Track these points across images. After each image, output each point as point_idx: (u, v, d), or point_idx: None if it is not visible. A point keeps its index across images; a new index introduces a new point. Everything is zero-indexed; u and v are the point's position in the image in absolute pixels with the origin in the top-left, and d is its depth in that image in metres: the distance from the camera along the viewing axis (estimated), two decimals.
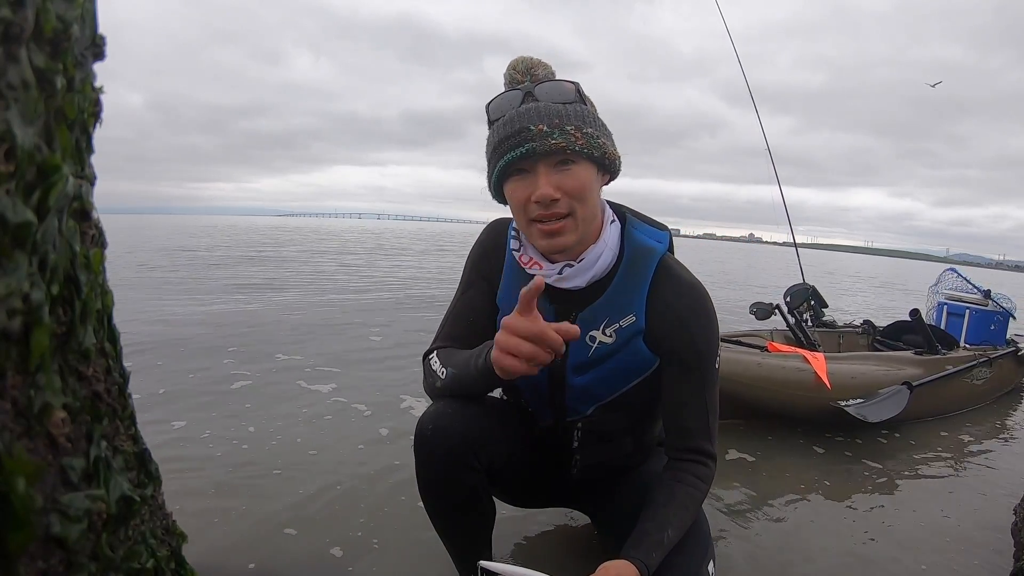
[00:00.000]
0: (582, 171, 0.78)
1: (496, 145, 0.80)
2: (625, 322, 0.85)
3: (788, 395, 2.13)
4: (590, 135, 0.78)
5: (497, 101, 0.83)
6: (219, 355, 2.83)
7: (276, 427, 1.94)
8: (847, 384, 2.17)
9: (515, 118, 0.78)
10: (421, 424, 0.85)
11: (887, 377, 2.30)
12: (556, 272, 0.85)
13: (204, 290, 5.19)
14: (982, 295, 3.36)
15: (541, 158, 0.77)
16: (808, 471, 1.88)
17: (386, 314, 4.39)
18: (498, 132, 0.80)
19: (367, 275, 7.43)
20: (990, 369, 2.77)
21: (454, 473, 0.84)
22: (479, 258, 0.96)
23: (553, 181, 0.77)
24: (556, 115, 0.77)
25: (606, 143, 0.81)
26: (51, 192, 0.42)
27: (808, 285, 2.97)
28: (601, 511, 1.06)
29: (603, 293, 0.86)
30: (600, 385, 0.89)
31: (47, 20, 0.42)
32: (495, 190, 0.86)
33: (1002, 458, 2.12)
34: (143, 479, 0.61)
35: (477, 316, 0.93)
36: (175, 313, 3.94)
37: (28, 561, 0.39)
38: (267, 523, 1.33)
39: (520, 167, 0.79)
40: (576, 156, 0.78)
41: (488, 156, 0.83)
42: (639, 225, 0.90)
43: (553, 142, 0.76)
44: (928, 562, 1.35)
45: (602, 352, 0.86)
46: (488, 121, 0.85)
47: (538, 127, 0.76)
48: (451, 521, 0.91)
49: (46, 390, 0.42)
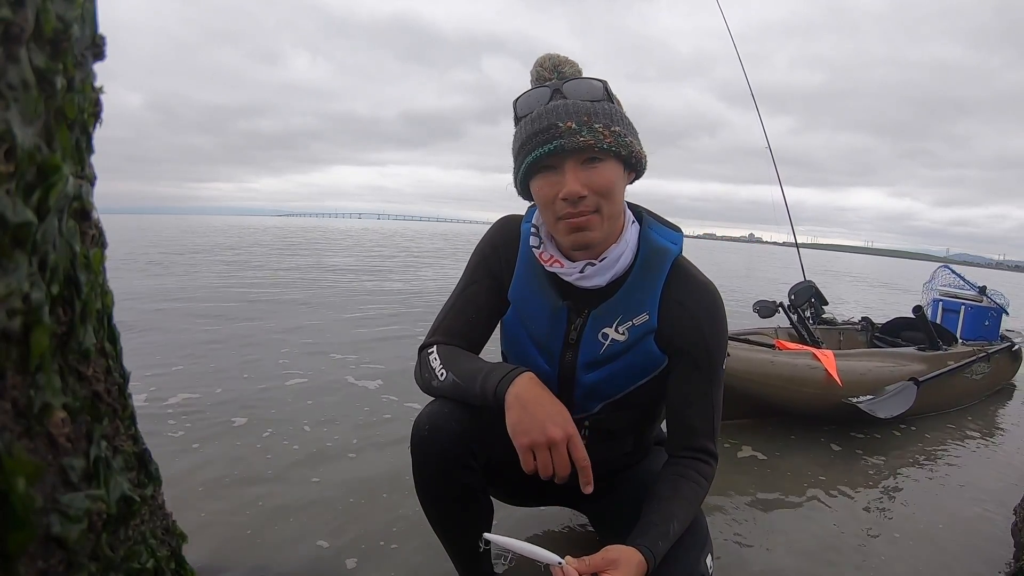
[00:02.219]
0: (609, 169, 0.79)
1: (524, 141, 0.80)
2: (638, 320, 0.85)
3: (800, 393, 2.13)
4: (618, 133, 0.78)
5: (525, 98, 0.83)
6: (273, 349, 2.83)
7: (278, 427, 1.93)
8: (857, 381, 2.18)
9: (543, 115, 0.78)
10: (418, 424, 0.85)
11: (893, 373, 2.31)
12: (578, 271, 0.85)
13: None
14: (977, 291, 3.43)
15: (569, 155, 0.77)
16: (808, 467, 1.88)
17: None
18: (526, 129, 0.80)
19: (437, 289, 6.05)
20: (988, 365, 2.80)
21: (451, 473, 0.84)
22: (488, 254, 0.95)
23: (581, 178, 0.77)
24: (585, 112, 0.77)
25: (633, 142, 0.81)
26: (51, 192, 0.42)
27: (811, 282, 2.98)
28: (599, 509, 1.06)
29: (617, 291, 0.86)
30: (610, 383, 0.88)
31: (47, 20, 0.42)
32: (521, 187, 0.86)
33: (1001, 457, 2.13)
34: (143, 479, 0.61)
35: (477, 313, 0.93)
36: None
37: (28, 561, 0.39)
38: (268, 523, 1.33)
39: (548, 164, 0.79)
40: (604, 154, 0.78)
41: (515, 152, 0.83)
42: (655, 226, 0.90)
43: (582, 139, 0.76)
44: (927, 561, 1.35)
45: (614, 350, 0.86)
46: (515, 118, 0.84)
47: (567, 124, 0.76)
48: (449, 521, 0.91)
49: (46, 390, 0.42)
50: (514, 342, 0.93)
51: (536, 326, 0.90)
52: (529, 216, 0.93)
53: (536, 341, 0.90)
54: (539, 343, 0.90)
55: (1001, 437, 2.40)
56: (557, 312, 0.88)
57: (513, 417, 0.75)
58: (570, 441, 0.74)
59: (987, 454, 2.16)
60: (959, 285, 3.63)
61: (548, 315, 0.88)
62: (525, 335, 0.91)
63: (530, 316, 0.90)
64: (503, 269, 0.94)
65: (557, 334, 0.88)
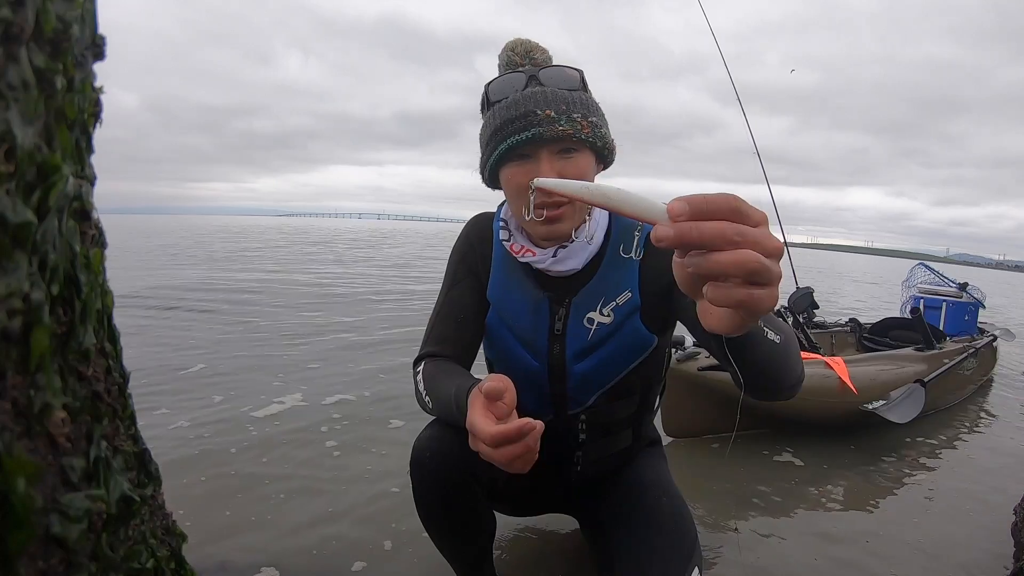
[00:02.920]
0: (583, 159, 0.78)
1: (498, 128, 0.78)
2: (622, 299, 0.83)
3: (818, 403, 2.10)
4: (595, 124, 0.77)
5: (498, 83, 0.81)
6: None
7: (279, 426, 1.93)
8: (869, 387, 2.16)
9: (520, 101, 0.76)
10: (418, 449, 0.82)
11: (899, 376, 2.30)
12: (550, 256, 0.83)
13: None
14: (957, 288, 3.53)
15: (546, 144, 0.76)
16: (808, 467, 1.88)
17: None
18: (500, 115, 0.78)
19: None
20: (976, 359, 2.84)
21: (453, 498, 0.82)
22: (465, 253, 0.94)
23: (556, 168, 0.76)
24: (563, 101, 0.76)
25: (607, 133, 0.80)
26: (51, 192, 0.42)
27: (809, 289, 2.99)
28: (595, 515, 1.05)
29: (595, 274, 0.85)
30: (602, 370, 0.86)
31: (47, 20, 0.42)
32: (490, 174, 0.84)
33: (1000, 457, 2.13)
34: (143, 479, 0.61)
35: (466, 314, 0.91)
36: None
37: (28, 561, 0.39)
38: (268, 523, 1.33)
39: (522, 152, 0.77)
40: (580, 144, 0.77)
41: (486, 138, 0.81)
42: None
43: (561, 128, 0.75)
44: (927, 562, 1.35)
45: (601, 334, 0.84)
46: (486, 102, 0.82)
47: (545, 112, 0.75)
48: (452, 537, 0.90)
49: (46, 390, 0.42)
50: (498, 344, 0.91)
51: (519, 322, 0.88)
52: (499, 212, 0.92)
53: (521, 338, 0.88)
54: (524, 340, 0.88)
55: (996, 435, 2.40)
56: (538, 304, 0.86)
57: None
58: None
59: (983, 452, 2.17)
60: (936, 282, 3.75)
61: (530, 309, 0.87)
62: (509, 334, 0.89)
63: (511, 313, 0.88)
64: (481, 266, 0.92)
65: (541, 328, 0.86)
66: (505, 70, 0.84)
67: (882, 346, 3.00)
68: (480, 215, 0.97)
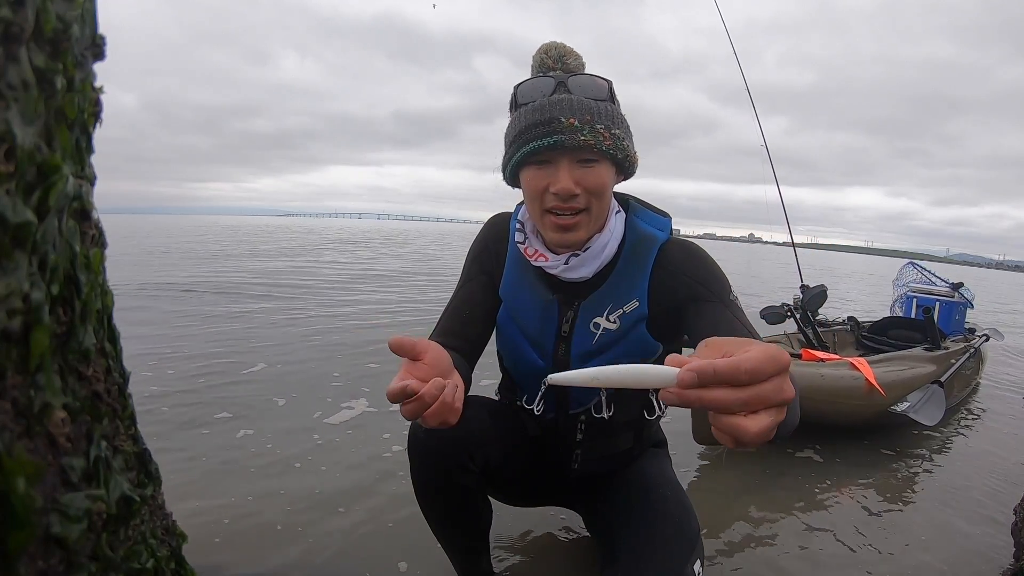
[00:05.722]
0: (603, 170, 0.78)
1: (522, 130, 0.79)
2: (629, 308, 0.84)
3: (846, 405, 2.06)
4: (617, 137, 0.78)
5: (528, 85, 0.82)
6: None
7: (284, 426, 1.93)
8: (890, 388, 2.14)
9: (546, 107, 0.77)
10: (414, 426, 0.84)
11: (917, 378, 2.28)
12: (562, 263, 0.84)
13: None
14: (950, 287, 3.54)
15: (567, 152, 0.77)
16: (807, 468, 1.88)
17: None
18: (525, 117, 0.79)
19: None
20: (974, 359, 2.85)
21: (449, 475, 0.83)
22: (480, 252, 0.96)
23: (575, 176, 0.77)
24: (588, 111, 0.77)
25: (629, 145, 0.81)
26: (51, 192, 0.42)
27: (823, 287, 2.96)
28: (594, 510, 1.06)
29: (605, 281, 0.86)
30: None
31: (47, 20, 0.42)
32: (511, 174, 0.85)
33: (1000, 457, 2.12)
34: (143, 479, 0.61)
35: (474, 310, 0.92)
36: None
37: (28, 561, 0.39)
38: (268, 523, 1.33)
39: (543, 158, 0.78)
40: (600, 155, 0.77)
41: (510, 139, 0.82)
42: (642, 213, 0.90)
43: (583, 138, 0.75)
44: (927, 562, 1.35)
45: (606, 339, 0.85)
46: (514, 103, 0.83)
47: (569, 120, 0.75)
48: (448, 522, 0.91)
49: (46, 390, 0.42)
50: (508, 341, 0.93)
51: (528, 321, 0.89)
52: (517, 213, 0.93)
53: (528, 337, 0.90)
54: (532, 338, 0.89)
55: (994, 433, 2.41)
56: (548, 306, 0.88)
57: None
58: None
59: (983, 452, 2.16)
60: (925, 281, 3.79)
61: (539, 310, 0.88)
62: (518, 332, 0.91)
63: (521, 312, 0.90)
64: (495, 266, 0.94)
65: (549, 328, 0.88)
66: (537, 72, 0.85)
67: (882, 345, 3.00)
68: (498, 215, 0.99)
